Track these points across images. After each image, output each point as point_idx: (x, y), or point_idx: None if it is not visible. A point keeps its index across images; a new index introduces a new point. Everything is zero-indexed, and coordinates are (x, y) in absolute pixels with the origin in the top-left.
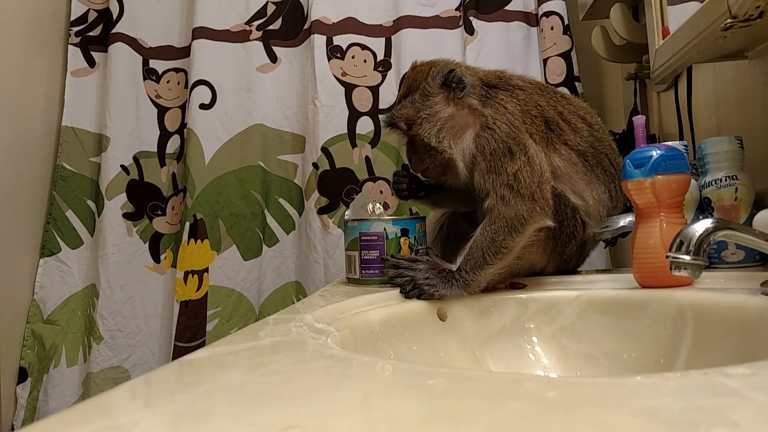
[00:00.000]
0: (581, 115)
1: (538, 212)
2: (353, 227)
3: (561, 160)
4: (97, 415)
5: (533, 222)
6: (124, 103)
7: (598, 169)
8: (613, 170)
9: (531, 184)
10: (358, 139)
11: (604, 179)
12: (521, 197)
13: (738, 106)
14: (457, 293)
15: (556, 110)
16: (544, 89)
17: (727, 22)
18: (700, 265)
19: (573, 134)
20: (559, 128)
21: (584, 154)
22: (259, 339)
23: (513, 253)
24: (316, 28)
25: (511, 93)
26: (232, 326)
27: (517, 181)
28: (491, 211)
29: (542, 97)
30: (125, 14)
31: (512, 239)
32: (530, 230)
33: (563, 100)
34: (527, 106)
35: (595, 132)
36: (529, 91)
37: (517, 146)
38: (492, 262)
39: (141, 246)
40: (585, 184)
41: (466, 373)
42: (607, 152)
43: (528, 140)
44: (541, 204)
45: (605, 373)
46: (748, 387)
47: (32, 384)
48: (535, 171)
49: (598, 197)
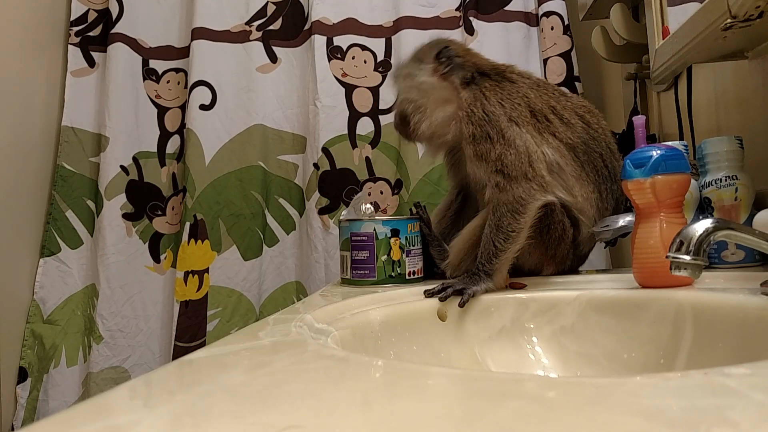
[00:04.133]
0: (579, 112)
1: (535, 189)
2: (345, 227)
3: (550, 148)
4: (97, 415)
5: (533, 200)
6: (123, 103)
7: (588, 167)
8: (607, 172)
9: (520, 164)
10: (358, 139)
11: (594, 178)
12: (515, 180)
13: (738, 106)
14: (484, 287)
15: (547, 104)
16: (541, 85)
17: (727, 22)
18: (700, 265)
19: (563, 127)
20: (546, 120)
21: (574, 149)
22: (259, 339)
23: (522, 235)
24: (317, 29)
25: (497, 83)
26: (232, 326)
27: (505, 165)
28: (491, 201)
29: (534, 91)
30: (125, 14)
31: (517, 222)
32: (532, 209)
33: (561, 97)
34: (511, 96)
35: (590, 131)
36: (520, 84)
37: (494, 130)
38: (504, 247)
39: (141, 246)
40: (574, 180)
41: (466, 373)
42: (601, 153)
43: (505, 124)
44: (538, 181)
45: (605, 373)
46: (748, 387)
47: (32, 384)
48: (520, 152)
49: (586, 195)
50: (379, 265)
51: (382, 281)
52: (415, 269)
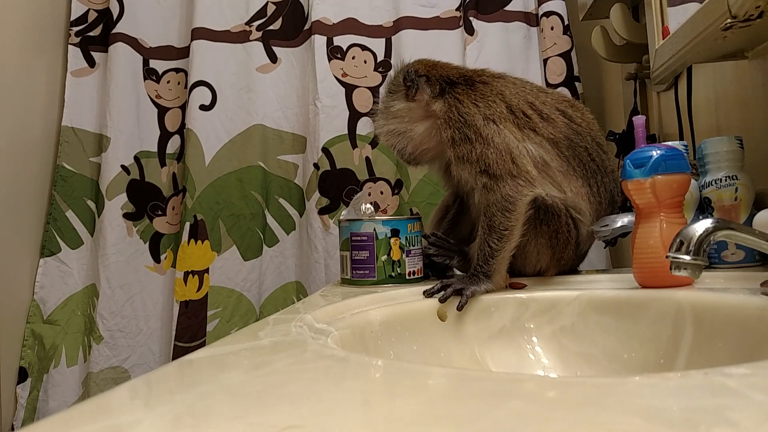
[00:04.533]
0: (560, 107)
1: (522, 185)
2: (345, 227)
3: (533, 144)
4: (97, 415)
5: (521, 197)
6: (124, 103)
7: (574, 161)
8: (595, 166)
9: (503, 163)
10: (358, 139)
11: (581, 173)
12: (500, 179)
13: (738, 106)
14: (484, 288)
15: (525, 100)
16: (517, 83)
17: (727, 22)
18: (700, 265)
19: (544, 123)
20: (525, 116)
21: (557, 144)
22: (259, 339)
23: (516, 233)
24: (317, 29)
25: (470, 87)
26: (232, 326)
27: (488, 165)
28: (481, 202)
29: (510, 89)
30: (125, 14)
31: (508, 220)
32: (522, 205)
33: (540, 93)
34: (484, 96)
35: (573, 125)
36: (494, 84)
37: (471, 130)
38: (499, 247)
39: (141, 246)
40: (562, 175)
41: (466, 373)
42: (586, 147)
43: (481, 122)
44: (524, 177)
45: (605, 373)
46: (748, 387)
47: (32, 384)
48: (501, 150)
49: (576, 190)
50: (379, 265)
51: (382, 281)
52: (415, 269)
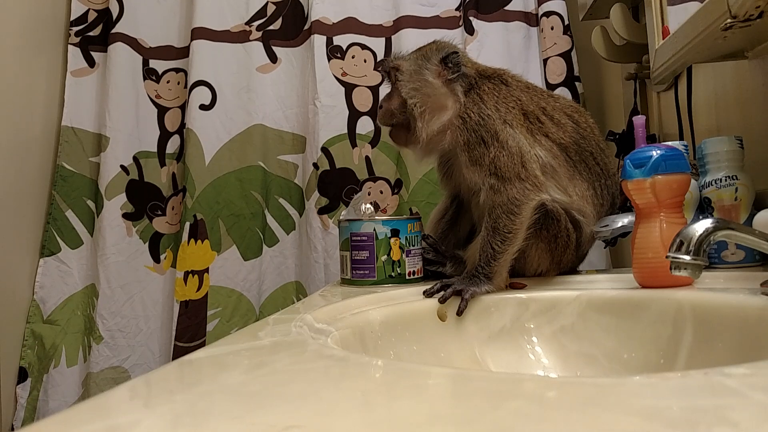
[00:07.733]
0: (567, 112)
1: (529, 190)
2: (345, 227)
3: (542, 150)
4: (97, 415)
5: (527, 201)
6: (124, 103)
7: (581, 165)
8: (599, 169)
9: (512, 165)
10: (358, 139)
11: (587, 176)
12: (508, 181)
13: (738, 106)
14: (484, 289)
15: (538, 105)
16: (530, 88)
17: (727, 22)
18: (700, 265)
19: (555, 128)
20: (539, 121)
21: (566, 148)
22: (259, 339)
23: (519, 236)
24: (316, 28)
25: (495, 86)
26: (232, 326)
27: (498, 168)
28: (486, 203)
29: (525, 94)
30: (125, 14)
31: (513, 223)
32: (527, 209)
33: (549, 98)
34: (506, 100)
35: (580, 130)
36: (513, 87)
37: (488, 134)
38: (502, 249)
39: (141, 246)
40: (568, 180)
41: (466, 373)
42: (592, 151)
43: (500, 126)
44: (531, 181)
45: (605, 373)
46: (748, 387)
47: (32, 384)
48: (513, 153)
49: (581, 193)
50: (379, 265)
51: (382, 281)
52: (415, 269)
